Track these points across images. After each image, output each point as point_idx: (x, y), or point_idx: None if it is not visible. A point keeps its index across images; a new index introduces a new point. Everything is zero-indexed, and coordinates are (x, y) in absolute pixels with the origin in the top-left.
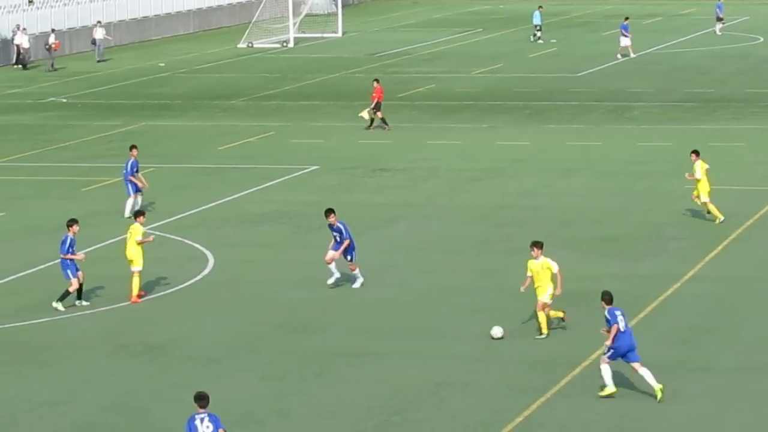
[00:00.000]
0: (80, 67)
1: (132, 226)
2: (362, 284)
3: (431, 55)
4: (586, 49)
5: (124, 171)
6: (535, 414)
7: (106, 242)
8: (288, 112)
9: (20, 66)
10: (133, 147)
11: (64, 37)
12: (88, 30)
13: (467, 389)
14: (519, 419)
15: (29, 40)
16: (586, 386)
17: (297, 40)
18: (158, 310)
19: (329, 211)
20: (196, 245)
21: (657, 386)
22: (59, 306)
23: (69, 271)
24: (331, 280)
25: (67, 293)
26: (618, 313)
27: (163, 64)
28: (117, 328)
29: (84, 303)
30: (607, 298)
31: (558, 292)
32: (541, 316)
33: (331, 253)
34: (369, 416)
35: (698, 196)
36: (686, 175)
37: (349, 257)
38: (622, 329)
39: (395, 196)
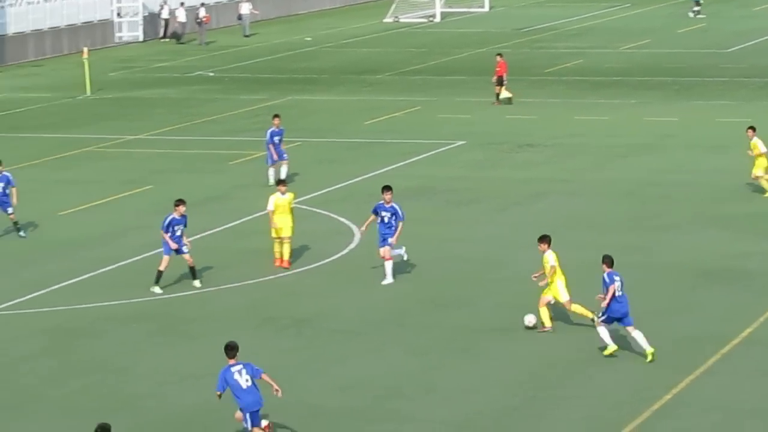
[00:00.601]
0: (227, 41)
1: (281, 196)
2: (389, 284)
3: (579, 30)
4: (736, 25)
5: (267, 140)
6: (683, 392)
7: (253, 215)
8: (434, 87)
9: (174, 40)
10: (275, 116)
11: (211, 11)
12: (235, 4)
13: (615, 366)
14: (667, 396)
15: (185, 14)
16: (734, 365)
17: (443, 15)
18: (305, 283)
19: (386, 189)
20: (342, 219)
21: (649, 349)
22: (156, 289)
23: (164, 249)
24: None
25: (159, 273)
26: (616, 277)
27: (309, 39)
28: (263, 301)
29: (197, 284)
30: (608, 261)
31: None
32: (543, 311)
33: (384, 249)
34: (515, 392)
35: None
36: (748, 152)
37: (390, 240)
38: (618, 293)
39: (541, 171)
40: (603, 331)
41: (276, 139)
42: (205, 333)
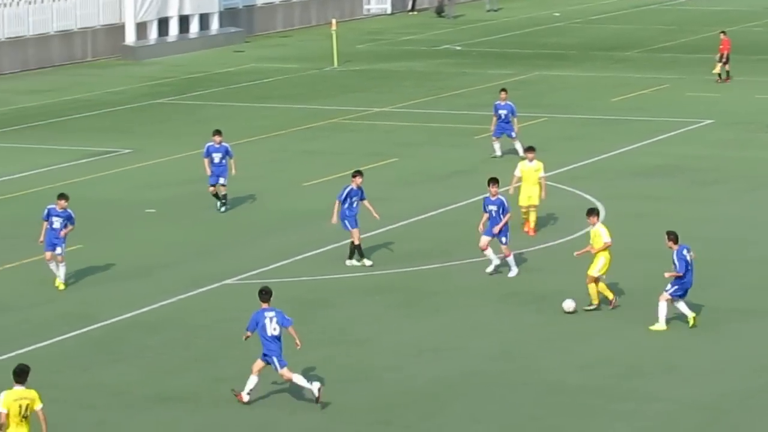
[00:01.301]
0: (474, 15)
1: (527, 164)
2: (517, 273)
3: None
4: None
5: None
6: None
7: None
8: (684, 65)
9: (436, 14)
10: (502, 90)
11: None
12: None
13: None
14: None
15: None
16: None
17: None
18: (548, 260)
19: (493, 181)
20: (588, 196)
21: (691, 314)
22: (352, 262)
23: (347, 222)
24: (490, 268)
25: (354, 246)
26: (685, 252)
27: (558, 14)
28: (506, 277)
29: (367, 263)
30: (674, 237)
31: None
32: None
33: (484, 239)
34: (759, 374)
35: None
36: None
37: (503, 239)
38: (689, 266)
39: None
40: (666, 308)
41: (501, 113)
42: (447, 307)
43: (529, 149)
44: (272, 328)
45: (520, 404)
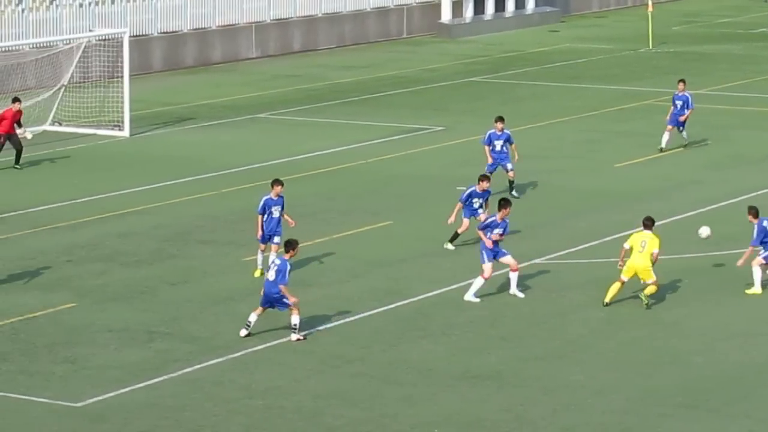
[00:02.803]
0: None
1: None
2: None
3: None
4: None
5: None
6: None
7: None
8: None
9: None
10: (680, 81)
11: None
12: None
13: None
14: None
15: None
16: None
17: None
18: None
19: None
20: None
21: None
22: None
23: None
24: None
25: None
26: (765, 223)
27: None
28: None
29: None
30: (754, 211)
31: None
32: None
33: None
34: None
35: None
36: None
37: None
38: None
39: None
40: (757, 272)
41: (678, 103)
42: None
43: None
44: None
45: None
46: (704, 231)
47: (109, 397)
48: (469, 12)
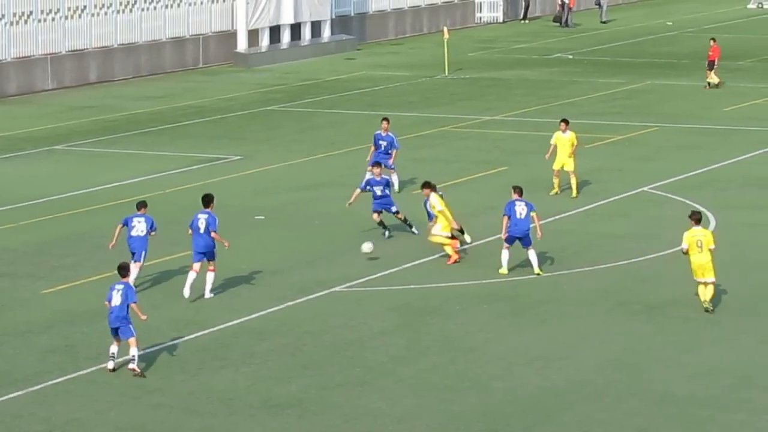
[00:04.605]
0: (587, 24)
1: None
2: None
3: None
4: None
5: None
6: None
7: (609, 199)
8: None
9: (558, 23)
10: (384, 119)
11: None
12: None
13: None
14: None
15: None
16: None
17: None
18: (657, 270)
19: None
20: (698, 206)
21: None
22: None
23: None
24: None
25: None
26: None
27: (670, 23)
28: (616, 287)
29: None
30: None
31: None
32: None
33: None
34: None
35: None
36: None
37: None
38: None
39: None
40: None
41: (381, 144)
42: (555, 316)
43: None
44: (116, 299)
45: (628, 415)
46: (366, 246)
47: None
48: (265, 41)
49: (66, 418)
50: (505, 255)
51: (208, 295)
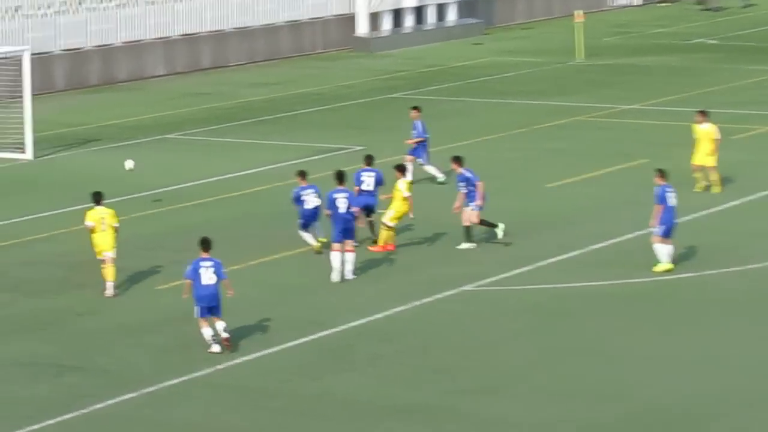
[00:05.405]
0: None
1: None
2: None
3: None
4: None
5: None
6: None
7: (758, 194)
8: None
9: (706, 7)
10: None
11: None
12: None
13: None
14: None
15: None
16: None
17: None
18: None
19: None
20: None
21: None
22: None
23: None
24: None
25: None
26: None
27: None
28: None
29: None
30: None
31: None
32: None
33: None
34: None
35: None
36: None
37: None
38: None
39: None
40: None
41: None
42: (702, 318)
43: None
44: (208, 277)
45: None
46: (128, 164)
47: None
48: (387, 25)
49: (183, 422)
50: (663, 249)
51: (349, 276)
